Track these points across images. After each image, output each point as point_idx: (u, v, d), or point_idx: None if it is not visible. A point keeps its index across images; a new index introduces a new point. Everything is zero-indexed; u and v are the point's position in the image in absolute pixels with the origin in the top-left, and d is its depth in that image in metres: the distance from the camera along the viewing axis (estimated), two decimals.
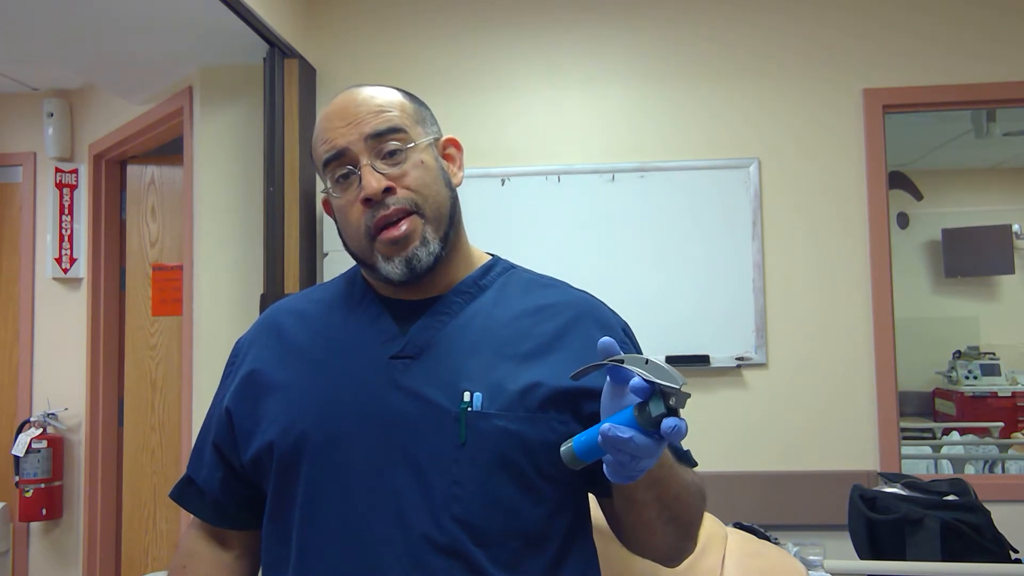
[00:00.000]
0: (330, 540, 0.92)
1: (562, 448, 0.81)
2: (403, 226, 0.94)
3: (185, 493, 1.08)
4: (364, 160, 0.95)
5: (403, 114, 0.99)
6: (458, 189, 1.04)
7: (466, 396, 0.92)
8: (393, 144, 0.96)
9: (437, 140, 1.03)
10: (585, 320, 1.02)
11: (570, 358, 0.96)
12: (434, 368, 0.95)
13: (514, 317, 1.00)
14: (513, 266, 1.10)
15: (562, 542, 0.97)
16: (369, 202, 0.94)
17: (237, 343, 1.10)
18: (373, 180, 0.93)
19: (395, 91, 1.02)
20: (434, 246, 0.96)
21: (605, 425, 0.75)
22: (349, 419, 0.94)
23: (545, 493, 0.95)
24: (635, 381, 0.74)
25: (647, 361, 0.76)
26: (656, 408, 0.74)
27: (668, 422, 0.73)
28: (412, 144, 0.97)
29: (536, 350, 0.97)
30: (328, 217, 1.04)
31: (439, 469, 0.91)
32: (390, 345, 0.97)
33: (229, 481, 1.04)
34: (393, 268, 0.95)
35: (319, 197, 2.80)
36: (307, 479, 0.94)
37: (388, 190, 0.94)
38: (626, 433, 0.74)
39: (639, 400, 0.75)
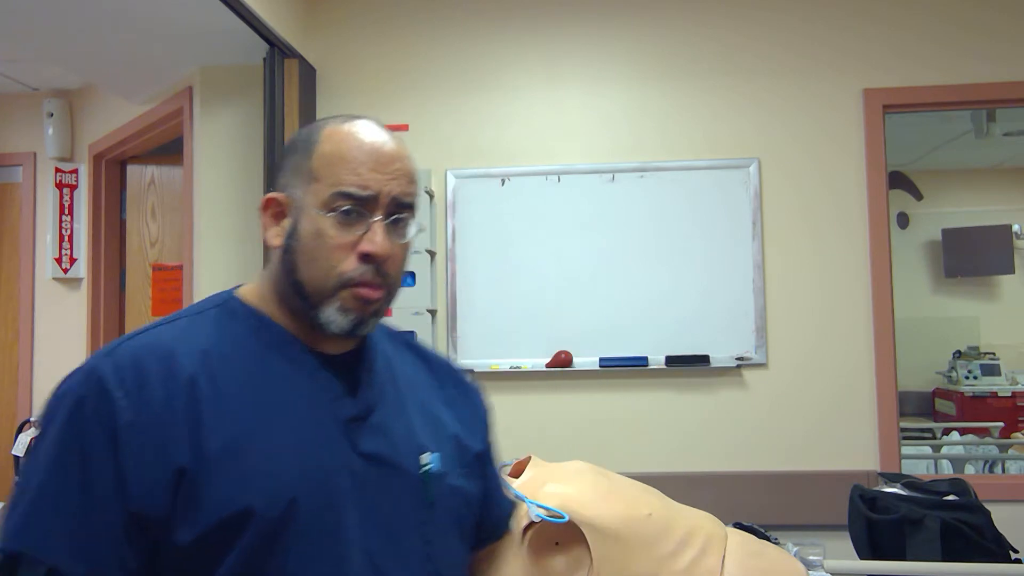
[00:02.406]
0: None
1: None
2: (377, 294, 0.92)
3: None
4: (380, 216, 0.91)
5: (416, 191, 0.98)
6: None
7: (423, 458, 0.95)
8: (407, 218, 0.94)
9: None
10: (435, 363, 1.09)
11: (466, 416, 1.05)
12: (386, 429, 0.95)
13: (408, 368, 1.04)
14: None
15: None
16: (368, 258, 0.90)
17: (91, 400, 0.82)
18: (387, 243, 0.91)
19: (412, 161, 0.99)
20: (378, 320, 0.96)
21: None
22: (332, 484, 0.89)
23: (471, 542, 1.03)
24: None
25: None
26: None
27: None
28: (416, 229, 0.97)
29: (438, 403, 1.03)
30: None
31: (411, 530, 0.93)
32: (339, 404, 0.93)
33: (146, 567, 0.82)
34: (342, 320, 0.90)
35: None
36: (295, 548, 0.86)
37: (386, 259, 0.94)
38: None
39: None
